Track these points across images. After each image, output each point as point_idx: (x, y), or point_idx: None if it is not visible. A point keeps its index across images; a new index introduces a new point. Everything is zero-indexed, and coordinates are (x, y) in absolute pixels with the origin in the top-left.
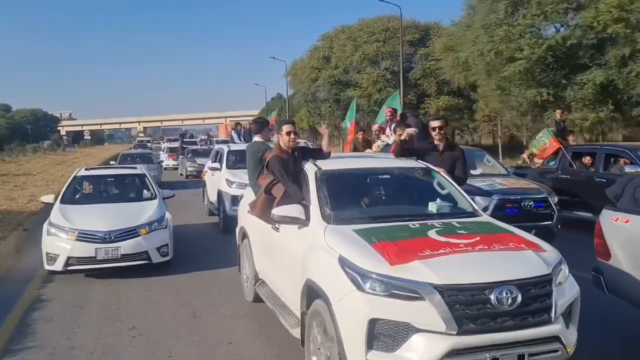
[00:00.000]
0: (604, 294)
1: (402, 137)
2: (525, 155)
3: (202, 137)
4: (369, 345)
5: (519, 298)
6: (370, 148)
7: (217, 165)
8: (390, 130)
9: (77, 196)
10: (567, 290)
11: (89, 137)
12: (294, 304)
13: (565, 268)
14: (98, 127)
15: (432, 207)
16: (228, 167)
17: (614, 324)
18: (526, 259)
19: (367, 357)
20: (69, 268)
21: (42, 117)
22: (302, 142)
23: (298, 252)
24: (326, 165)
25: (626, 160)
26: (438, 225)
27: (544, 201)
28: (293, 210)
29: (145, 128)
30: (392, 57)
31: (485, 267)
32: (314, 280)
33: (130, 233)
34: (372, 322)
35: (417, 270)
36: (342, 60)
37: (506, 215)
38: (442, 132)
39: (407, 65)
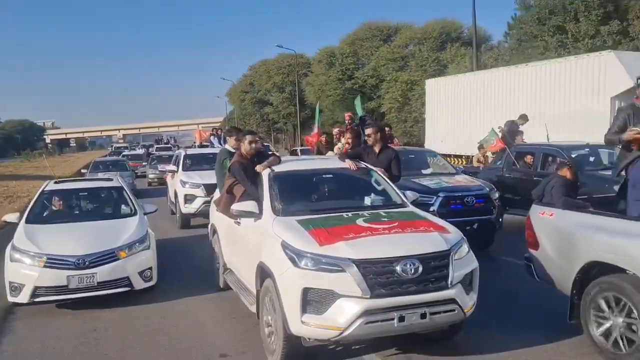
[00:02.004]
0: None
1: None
2: (480, 155)
3: (171, 142)
4: (304, 310)
5: (420, 269)
6: (332, 150)
7: (174, 168)
8: (349, 133)
9: (45, 214)
10: (465, 264)
11: (74, 145)
12: (252, 285)
13: (465, 246)
14: (81, 135)
15: (367, 200)
16: (184, 169)
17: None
18: (430, 238)
19: (302, 319)
20: (36, 300)
21: (29, 127)
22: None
23: (253, 240)
24: (278, 167)
25: (560, 160)
26: (367, 215)
27: (485, 197)
28: (248, 205)
29: (124, 135)
30: (293, 85)
31: (394, 245)
32: (264, 262)
33: (107, 256)
34: (305, 291)
35: (340, 249)
36: (261, 85)
37: (451, 211)
38: (375, 136)
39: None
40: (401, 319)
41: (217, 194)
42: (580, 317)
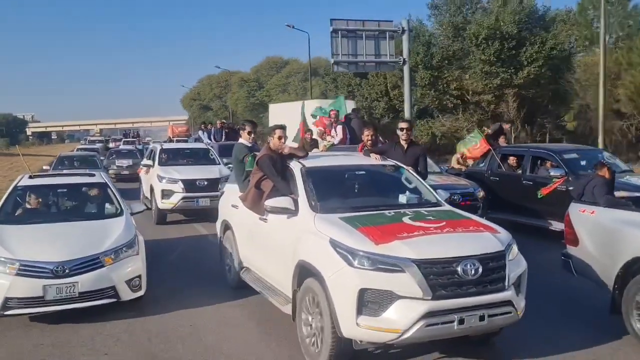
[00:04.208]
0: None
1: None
2: (458, 155)
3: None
4: (359, 311)
5: (480, 270)
6: (317, 147)
7: (149, 162)
8: (334, 131)
9: (18, 213)
10: (517, 265)
11: (56, 137)
12: (284, 285)
13: (515, 247)
14: (60, 129)
15: (403, 198)
16: (160, 164)
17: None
18: (485, 238)
19: (358, 322)
20: (6, 313)
21: (12, 120)
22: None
23: (288, 238)
24: (309, 163)
25: (552, 163)
26: (410, 213)
27: (471, 195)
28: (284, 201)
29: (101, 130)
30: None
31: (452, 245)
32: (306, 261)
33: (90, 263)
34: (362, 292)
35: (398, 248)
36: (205, 95)
37: None
38: (409, 132)
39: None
40: (461, 321)
41: (229, 189)
42: (622, 312)
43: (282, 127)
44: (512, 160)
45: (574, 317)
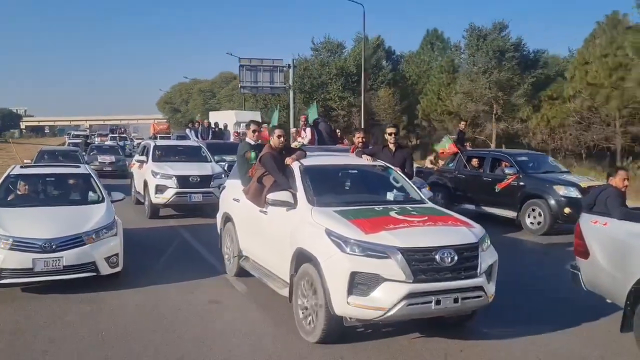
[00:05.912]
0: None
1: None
2: (431, 157)
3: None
4: (350, 292)
5: (456, 258)
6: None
7: (143, 158)
8: (304, 132)
9: (10, 198)
10: (488, 256)
11: (49, 131)
12: (281, 271)
13: (487, 240)
14: (52, 123)
15: (390, 195)
16: (154, 160)
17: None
18: (461, 231)
19: (348, 301)
20: (0, 282)
21: (8, 114)
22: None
23: (287, 228)
24: (306, 162)
25: (507, 164)
26: (396, 209)
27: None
28: (284, 195)
29: (91, 125)
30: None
31: (432, 236)
32: (304, 248)
33: (74, 241)
34: (352, 274)
35: (385, 238)
36: (176, 99)
37: None
38: (396, 136)
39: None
40: (437, 302)
41: (230, 184)
42: (634, 329)
43: (282, 128)
44: (475, 161)
45: (537, 297)
